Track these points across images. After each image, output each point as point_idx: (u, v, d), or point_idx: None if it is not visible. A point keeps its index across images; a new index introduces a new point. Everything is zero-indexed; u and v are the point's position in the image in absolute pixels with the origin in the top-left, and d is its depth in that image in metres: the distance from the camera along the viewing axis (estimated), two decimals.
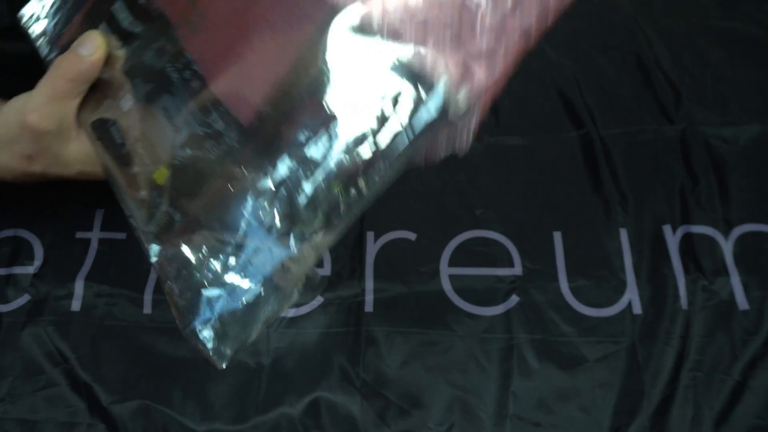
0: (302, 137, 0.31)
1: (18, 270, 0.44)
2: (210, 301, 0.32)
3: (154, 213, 0.34)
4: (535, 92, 0.50)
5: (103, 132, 0.36)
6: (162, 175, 0.34)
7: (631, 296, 0.43)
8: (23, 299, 0.43)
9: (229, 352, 0.32)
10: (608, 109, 0.49)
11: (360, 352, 0.41)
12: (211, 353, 0.31)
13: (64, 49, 0.36)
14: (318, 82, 0.31)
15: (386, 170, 0.31)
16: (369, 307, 0.43)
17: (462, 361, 0.41)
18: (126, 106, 0.35)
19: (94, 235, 0.45)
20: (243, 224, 0.32)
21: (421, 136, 0.30)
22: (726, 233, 0.44)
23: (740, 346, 0.41)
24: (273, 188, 0.32)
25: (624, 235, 0.45)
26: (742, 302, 0.42)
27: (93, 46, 0.35)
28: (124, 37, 0.35)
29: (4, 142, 0.36)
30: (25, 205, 0.46)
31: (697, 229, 0.44)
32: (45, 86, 0.35)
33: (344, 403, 0.40)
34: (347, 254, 0.44)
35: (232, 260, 0.32)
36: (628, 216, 0.45)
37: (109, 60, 0.35)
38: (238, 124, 0.32)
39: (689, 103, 0.49)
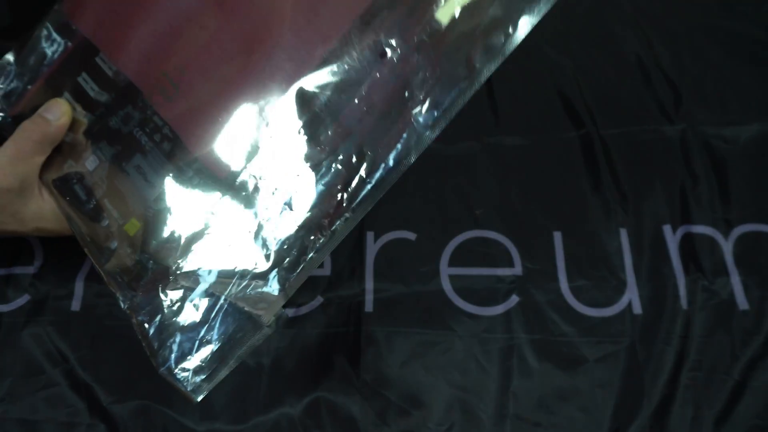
0: (278, 188, 0.33)
1: (18, 270, 0.44)
2: (186, 342, 0.32)
3: (126, 262, 0.35)
4: (535, 92, 0.50)
5: (67, 189, 0.37)
6: (133, 226, 0.35)
7: (631, 296, 0.43)
8: (23, 299, 0.43)
9: (206, 386, 0.32)
10: (608, 109, 0.49)
11: (360, 352, 0.41)
12: (188, 390, 0.32)
13: (19, 114, 0.38)
14: (288, 140, 0.33)
15: (356, 215, 0.33)
16: (369, 307, 0.43)
17: (462, 361, 0.41)
18: (91, 166, 0.36)
19: None
20: (220, 266, 0.33)
21: (380, 190, 0.33)
22: (726, 233, 0.44)
23: (740, 346, 0.41)
24: (251, 232, 0.33)
25: (624, 235, 0.45)
26: (742, 302, 0.42)
27: (59, 112, 0.37)
28: (89, 104, 0.37)
29: None
30: None
31: (697, 229, 0.44)
32: (10, 147, 0.36)
33: (344, 403, 0.40)
34: (347, 254, 0.44)
35: (208, 301, 0.32)
36: (628, 216, 0.45)
37: (73, 124, 0.37)
38: (216, 178, 0.33)
39: (689, 103, 0.49)
